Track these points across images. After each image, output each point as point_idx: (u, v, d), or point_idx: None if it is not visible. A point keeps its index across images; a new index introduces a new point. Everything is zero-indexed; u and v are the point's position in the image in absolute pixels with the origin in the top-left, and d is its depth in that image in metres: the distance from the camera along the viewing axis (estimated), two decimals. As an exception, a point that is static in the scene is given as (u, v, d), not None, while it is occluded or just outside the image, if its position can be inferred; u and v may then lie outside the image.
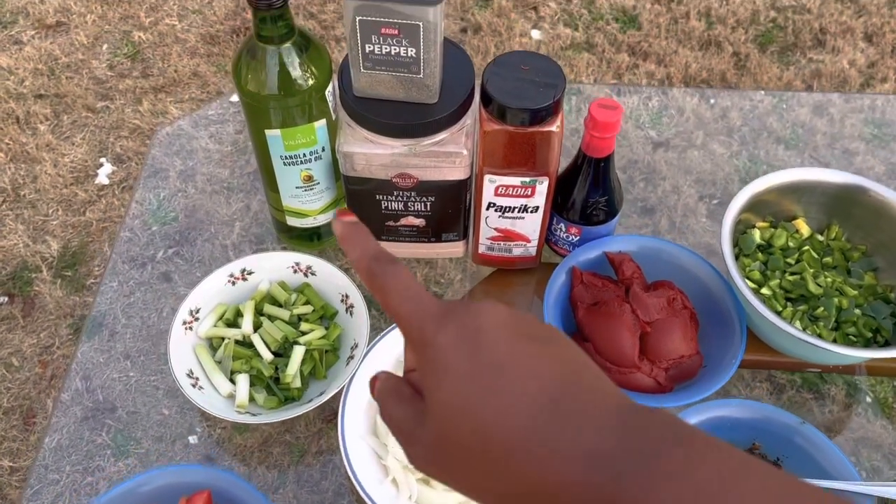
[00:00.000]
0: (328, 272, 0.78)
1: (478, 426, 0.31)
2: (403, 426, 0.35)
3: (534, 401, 0.31)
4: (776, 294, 0.76)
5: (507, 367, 0.31)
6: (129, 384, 0.79)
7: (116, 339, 0.82)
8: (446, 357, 0.32)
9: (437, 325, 0.33)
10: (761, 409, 0.69)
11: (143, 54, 2.16)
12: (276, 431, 0.76)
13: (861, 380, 0.79)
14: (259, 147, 0.74)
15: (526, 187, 0.73)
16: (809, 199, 0.80)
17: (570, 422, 0.30)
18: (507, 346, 0.32)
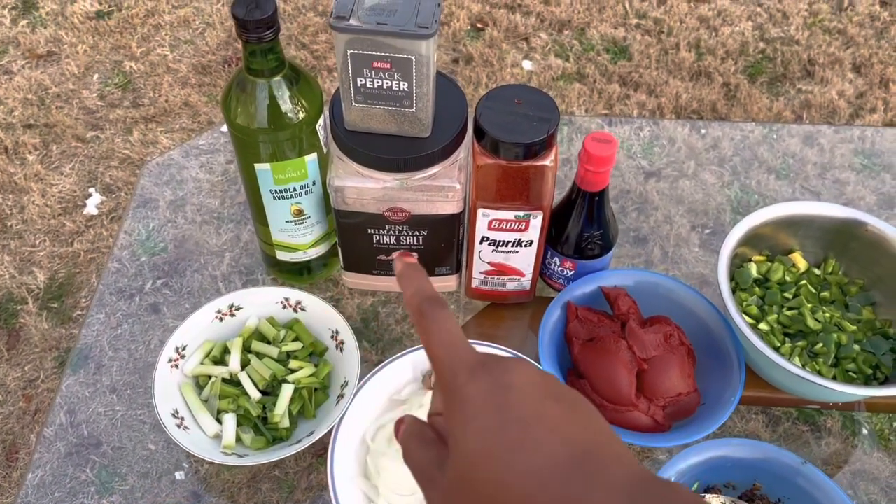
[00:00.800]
0: (318, 307, 0.76)
1: (498, 477, 0.32)
2: (425, 469, 0.36)
3: (556, 459, 0.31)
4: (774, 329, 0.75)
5: (533, 424, 0.32)
6: (114, 419, 0.77)
7: (103, 372, 0.80)
8: (475, 408, 0.33)
9: (469, 375, 0.34)
10: (762, 448, 0.67)
11: (135, 84, 2.16)
12: (264, 467, 0.74)
13: (866, 418, 0.77)
14: (248, 180, 0.73)
15: (520, 221, 0.72)
16: (806, 233, 0.79)
17: (589, 484, 0.31)
18: (534, 404, 0.33)
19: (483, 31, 2.31)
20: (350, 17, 0.62)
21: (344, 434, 0.69)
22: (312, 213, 0.76)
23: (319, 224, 0.78)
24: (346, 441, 0.69)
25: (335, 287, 0.85)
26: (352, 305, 0.84)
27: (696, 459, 0.66)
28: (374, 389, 0.72)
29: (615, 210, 0.95)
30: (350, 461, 0.68)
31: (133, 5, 2.36)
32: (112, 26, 2.30)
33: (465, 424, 0.33)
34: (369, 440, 0.70)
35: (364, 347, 0.81)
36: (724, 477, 0.68)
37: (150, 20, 2.32)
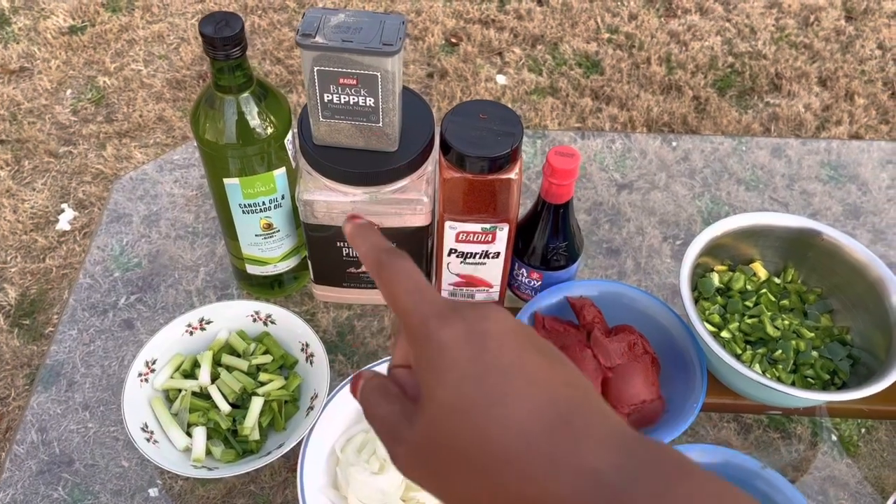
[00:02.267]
0: (288, 321, 0.77)
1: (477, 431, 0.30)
2: (390, 424, 0.33)
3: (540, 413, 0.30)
4: (735, 337, 0.77)
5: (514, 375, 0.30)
6: (87, 436, 0.77)
7: (75, 388, 0.80)
8: (450, 355, 0.31)
9: (441, 321, 0.31)
10: (722, 453, 0.69)
11: (108, 99, 2.16)
12: (239, 482, 0.74)
13: (825, 419, 0.79)
14: (217, 195, 0.73)
15: (486, 233, 0.74)
16: (766, 243, 0.81)
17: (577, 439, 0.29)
18: (514, 354, 0.31)
19: (457, 46, 2.34)
20: (316, 34, 0.63)
21: (314, 445, 0.70)
22: (282, 226, 0.77)
23: (289, 237, 0.79)
24: (315, 452, 0.69)
25: (310, 300, 0.86)
26: (327, 319, 0.85)
27: (660, 465, 0.68)
28: (344, 401, 0.73)
29: (588, 222, 0.97)
30: (320, 472, 0.69)
31: (107, 20, 2.36)
32: (85, 41, 2.29)
33: (440, 373, 0.31)
34: (339, 451, 0.70)
35: (340, 361, 0.82)
36: (688, 482, 0.69)
37: (124, 35, 2.32)
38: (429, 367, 0.31)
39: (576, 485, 0.28)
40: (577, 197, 0.99)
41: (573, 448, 0.29)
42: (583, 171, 1.03)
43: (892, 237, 0.96)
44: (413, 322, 0.32)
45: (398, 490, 0.66)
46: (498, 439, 0.29)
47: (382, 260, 0.35)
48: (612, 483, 0.28)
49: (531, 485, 0.29)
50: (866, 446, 0.78)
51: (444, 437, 0.30)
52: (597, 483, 0.28)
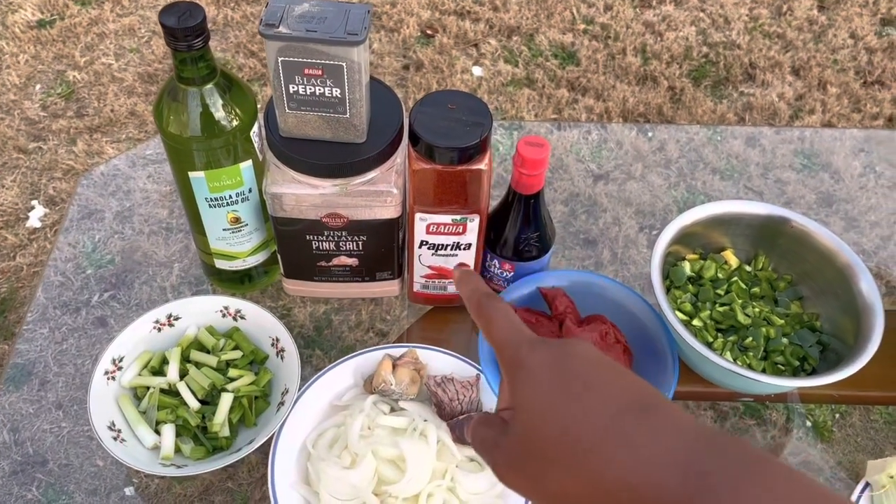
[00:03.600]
0: (258, 315, 0.76)
1: (560, 426, 0.33)
2: (487, 439, 0.38)
3: (619, 408, 0.33)
4: (707, 325, 0.77)
5: (594, 382, 0.34)
6: (60, 435, 0.75)
7: (48, 388, 0.78)
8: (538, 374, 0.36)
9: (531, 348, 0.37)
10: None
11: (78, 94, 2.12)
12: (217, 479, 0.73)
13: (800, 405, 0.80)
14: (183, 189, 0.72)
15: (457, 225, 0.73)
16: (736, 231, 0.82)
17: (655, 429, 0.32)
18: (593, 368, 0.35)
19: (433, 38, 2.33)
20: (280, 24, 0.62)
21: (285, 441, 0.69)
22: (250, 220, 0.76)
23: (258, 232, 0.78)
24: (286, 448, 0.69)
25: (287, 296, 0.85)
26: (304, 314, 0.84)
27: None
28: (315, 396, 0.72)
29: (565, 213, 0.97)
30: (291, 468, 0.68)
31: (76, 14, 2.32)
32: (54, 35, 2.25)
33: (530, 387, 0.35)
34: (310, 447, 0.70)
35: (317, 356, 0.81)
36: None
37: (94, 29, 2.28)
38: (520, 385, 0.36)
39: (655, 466, 0.31)
40: (553, 188, 0.99)
41: (652, 435, 0.32)
42: (559, 163, 1.03)
43: (864, 224, 0.97)
44: (508, 352, 0.38)
45: (370, 484, 0.66)
46: (579, 431, 0.33)
47: (482, 302, 0.41)
48: (691, 467, 0.30)
49: (612, 469, 0.32)
50: (840, 431, 0.79)
51: (534, 438, 0.34)
52: (674, 464, 0.31)
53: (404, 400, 0.72)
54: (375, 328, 0.84)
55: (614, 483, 0.31)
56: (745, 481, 0.29)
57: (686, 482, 0.30)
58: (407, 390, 0.72)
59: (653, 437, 0.32)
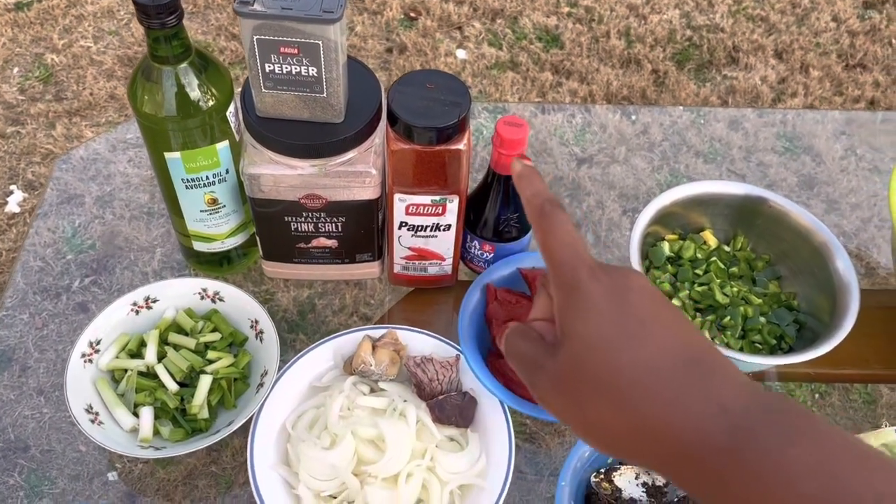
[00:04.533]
0: (237, 298, 0.76)
1: (613, 363, 0.33)
2: (529, 357, 0.38)
3: (673, 351, 0.33)
4: (686, 305, 0.78)
5: (650, 323, 0.34)
6: (42, 421, 0.75)
7: (28, 374, 0.78)
8: (595, 302, 0.35)
9: (590, 273, 0.36)
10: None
11: (57, 77, 2.09)
12: (200, 464, 0.72)
13: (779, 385, 0.80)
14: (159, 170, 0.72)
15: (437, 206, 0.73)
16: (715, 211, 0.82)
17: (706, 377, 0.32)
18: (651, 306, 0.35)
19: (416, 21, 2.31)
20: (255, 2, 0.61)
21: (264, 422, 0.69)
22: (227, 202, 0.75)
23: (235, 213, 0.77)
24: (266, 429, 0.69)
25: (270, 280, 0.85)
26: (287, 298, 0.84)
27: (611, 432, 0.68)
28: (295, 377, 0.72)
29: None
30: (270, 449, 0.68)
31: (53, -5, 2.28)
32: (32, 17, 2.22)
33: (585, 314, 0.35)
34: (290, 428, 0.70)
35: (301, 340, 0.81)
36: (638, 448, 0.70)
37: (72, 11, 2.25)
38: (574, 310, 0.35)
39: (702, 413, 0.31)
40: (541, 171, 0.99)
41: (702, 382, 0.32)
42: (542, 146, 1.03)
43: (844, 207, 0.97)
44: (564, 271, 0.37)
45: (349, 465, 0.66)
46: (631, 371, 0.33)
47: (545, 209, 0.38)
48: (736, 417, 0.31)
49: (660, 411, 0.32)
50: (820, 411, 0.79)
51: (583, 369, 0.34)
52: (722, 414, 0.31)
53: (384, 381, 0.72)
54: (359, 312, 0.83)
55: (659, 425, 0.32)
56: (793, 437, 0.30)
57: (734, 435, 0.30)
58: (386, 371, 0.72)
59: (704, 386, 0.32)
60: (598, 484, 0.67)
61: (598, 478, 0.68)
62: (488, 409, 0.71)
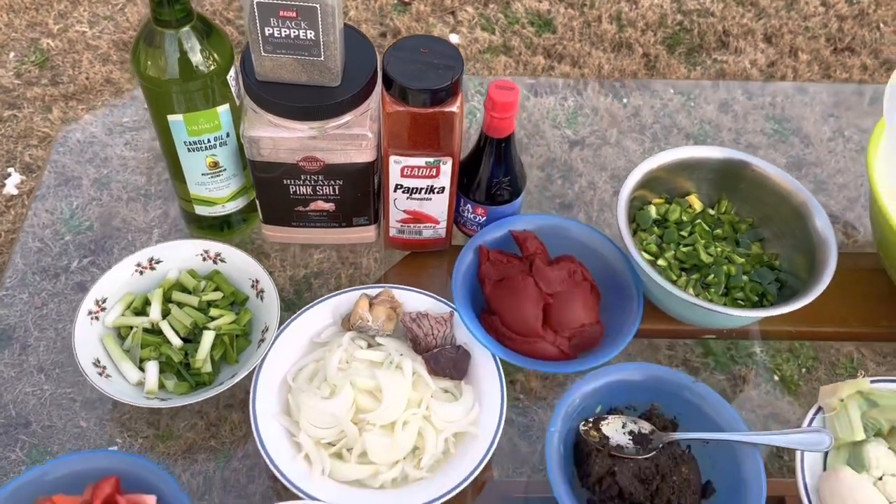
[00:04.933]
0: (238, 259, 0.78)
1: None
2: None
3: None
4: (671, 265, 0.81)
5: None
6: (43, 398, 0.76)
7: (29, 352, 0.79)
8: None
9: None
10: (657, 370, 0.72)
11: (53, 62, 2.10)
12: (200, 438, 0.74)
13: (767, 360, 0.83)
14: (162, 134, 0.74)
15: (431, 168, 0.75)
16: (700, 176, 0.85)
17: None
18: None
19: (410, 6, 2.33)
20: (255, -34, 0.64)
21: (266, 375, 0.71)
22: (228, 165, 0.77)
23: (236, 177, 0.80)
24: (267, 381, 0.71)
25: (266, 259, 0.86)
26: (284, 278, 0.85)
27: (597, 384, 0.71)
28: (295, 333, 0.75)
29: (542, 178, 0.99)
30: (272, 400, 0.71)
31: (49, -20, 2.29)
32: (27, 3, 2.23)
33: None
34: (290, 380, 0.72)
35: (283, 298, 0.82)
36: (625, 399, 0.73)
37: (68, -4, 2.26)
38: None
39: None
40: (529, 154, 1.01)
41: None
42: (535, 129, 1.05)
43: (832, 187, 0.99)
44: None
45: (348, 413, 0.69)
46: None
47: None
48: None
49: None
50: (806, 385, 0.82)
51: None
52: None
53: (381, 336, 0.75)
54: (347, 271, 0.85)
55: None
56: None
57: None
58: (383, 327, 0.74)
59: None
60: (587, 432, 0.70)
61: (586, 426, 0.71)
62: (481, 362, 0.74)
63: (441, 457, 0.70)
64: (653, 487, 0.67)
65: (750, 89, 1.18)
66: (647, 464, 0.68)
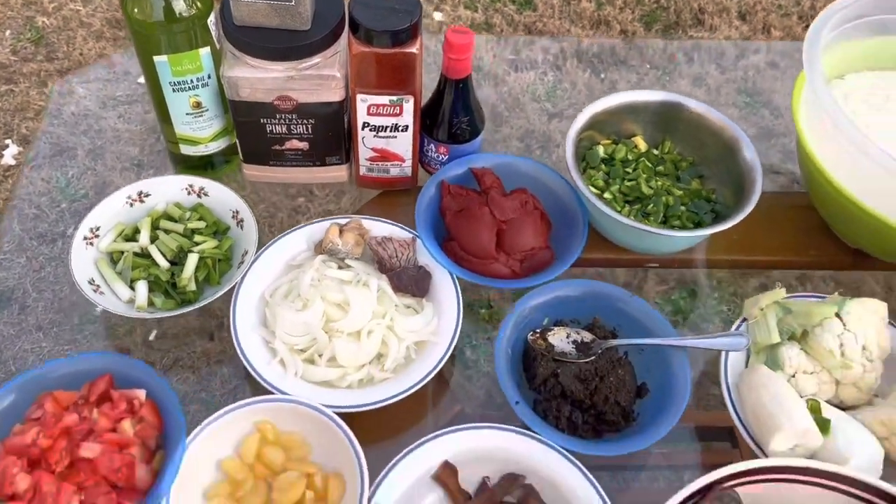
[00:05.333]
0: (220, 192, 0.86)
1: None
2: None
3: None
4: (616, 197, 0.88)
5: None
6: (41, 355, 0.80)
7: (28, 312, 0.83)
8: None
9: None
10: (597, 286, 0.80)
11: (48, 39, 2.17)
12: (192, 390, 0.79)
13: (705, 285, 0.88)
14: (149, 75, 0.81)
15: (394, 106, 0.83)
16: (644, 119, 0.93)
17: None
18: None
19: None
20: (230, -83, 0.71)
21: (245, 291, 0.79)
22: (210, 105, 0.85)
23: (217, 118, 0.87)
24: (247, 297, 0.79)
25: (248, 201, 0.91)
26: (263, 218, 0.91)
27: (544, 299, 0.79)
28: (272, 257, 0.82)
29: (521, 149, 1.03)
30: (251, 314, 0.78)
31: (43, -39, 2.35)
32: (22, -18, 2.29)
33: None
34: (268, 296, 0.80)
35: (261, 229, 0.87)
36: (570, 313, 0.81)
37: (61, -25, 2.32)
38: None
39: None
40: (510, 125, 1.07)
41: None
42: (515, 102, 1.11)
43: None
44: None
45: (319, 323, 0.76)
46: None
47: None
48: None
49: None
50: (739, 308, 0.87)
51: None
52: None
53: (350, 259, 0.82)
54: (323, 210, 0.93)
55: None
56: None
57: None
58: (352, 251, 0.82)
59: None
60: (535, 341, 0.78)
61: (534, 336, 0.79)
62: (441, 282, 0.81)
63: (403, 362, 0.78)
64: (592, 387, 0.75)
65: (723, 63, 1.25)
66: (588, 367, 0.76)
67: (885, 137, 0.84)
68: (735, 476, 0.65)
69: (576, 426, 0.73)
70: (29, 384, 0.70)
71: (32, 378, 0.70)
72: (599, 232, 0.89)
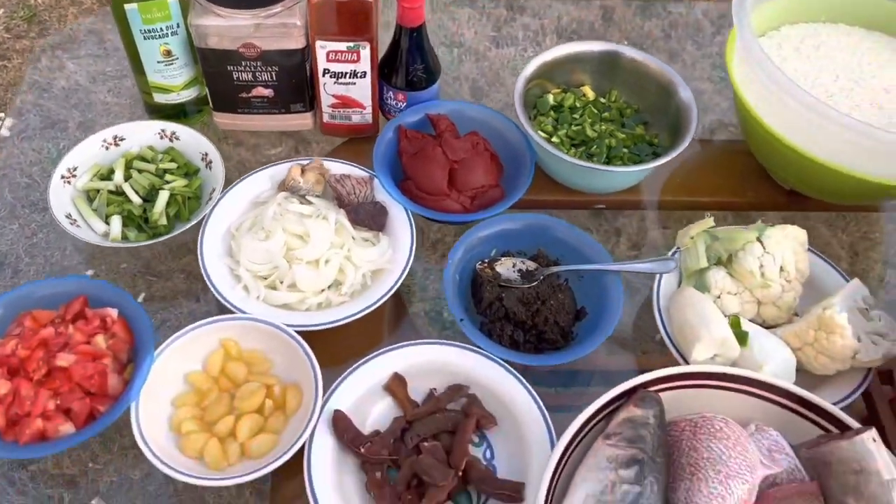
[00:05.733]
0: (191, 136, 0.91)
1: None
2: None
3: None
4: (563, 141, 0.94)
5: None
6: None
7: (20, 276, 0.86)
8: None
9: None
10: (541, 219, 0.86)
11: (40, 17, 2.23)
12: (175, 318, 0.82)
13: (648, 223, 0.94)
14: (120, 25, 0.87)
15: (352, 52, 0.89)
16: (589, 68, 0.99)
17: None
18: None
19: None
20: None
21: (212, 225, 0.85)
22: (180, 54, 0.91)
23: (188, 67, 0.93)
24: (214, 230, 0.85)
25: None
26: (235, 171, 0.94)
27: (489, 231, 0.85)
28: (239, 194, 0.88)
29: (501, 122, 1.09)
30: (218, 244, 0.84)
31: (34, -59, 2.40)
32: (14, -39, 2.34)
33: None
34: (234, 230, 0.86)
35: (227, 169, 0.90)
36: (513, 246, 0.87)
37: (53, -45, 2.37)
38: None
39: None
40: (490, 99, 1.11)
41: None
42: (496, 77, 1.16)
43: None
44: None
45: (280, 251, 0.82)
46: None
47: None
48: None
49: None
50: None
51: None
52: None
53: (311, 196, 0.88)
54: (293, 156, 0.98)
55: None
56: None
57: None
58: (313, 188, 0.88)
59: None
60: (483, 269, 0.84)
61: (482, 265, 0.84)
62: (397, 218, 0.87)
63: (360, 288, 0.83)
64: (533, 309, 0.81)
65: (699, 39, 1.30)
66: (530, 292, 0.82)
67: (813, 83, 0.90)
68: (658, 381, 0.71)
69: (518, 344, 0.79)
70: (9, 304, 0.76)
71: (12, 298, 0.76)
72: (549, 175, 0.94)
